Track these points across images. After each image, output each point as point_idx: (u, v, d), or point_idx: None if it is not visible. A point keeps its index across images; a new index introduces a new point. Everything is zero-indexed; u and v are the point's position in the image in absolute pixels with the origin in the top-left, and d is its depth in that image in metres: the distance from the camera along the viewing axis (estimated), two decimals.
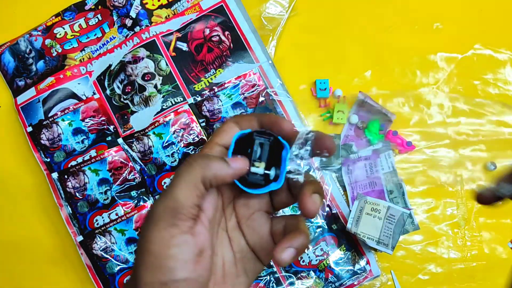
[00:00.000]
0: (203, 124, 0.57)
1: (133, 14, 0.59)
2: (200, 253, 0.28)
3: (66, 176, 0.57)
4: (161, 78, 0.58)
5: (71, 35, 0.60)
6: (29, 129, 0.58)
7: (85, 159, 0.57)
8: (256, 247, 0.32)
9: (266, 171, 0.31)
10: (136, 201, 0.56)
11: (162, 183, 0.56)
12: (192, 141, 0.56)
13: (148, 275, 0.26)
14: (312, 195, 0.28)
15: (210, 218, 0.30)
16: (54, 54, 0.60)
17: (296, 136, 0.30)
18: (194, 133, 0.57)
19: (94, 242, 0.55)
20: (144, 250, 0.27)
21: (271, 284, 0.54)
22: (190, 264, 0.26)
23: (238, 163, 0.30)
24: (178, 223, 0.27)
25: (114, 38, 0.60)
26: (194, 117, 0.57)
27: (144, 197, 0.56)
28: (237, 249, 0.32)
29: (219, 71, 0.58)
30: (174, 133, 0.56)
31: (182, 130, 0.57)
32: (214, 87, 0.57)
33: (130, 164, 0.57)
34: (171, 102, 0.57)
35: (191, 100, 0.57)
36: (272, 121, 0.31)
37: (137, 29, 0.59)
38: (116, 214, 0.56)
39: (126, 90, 0.58)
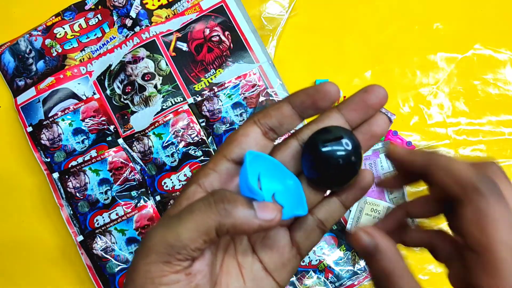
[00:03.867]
0: (203, 124, 0.57)
1: (133, 14, 0.59)
2: None
3: (66, 176, 0.57)
4: (161, 78, 0.58)
5: (71, 35, 0.60)
6: (29, 129, 0.58)
7: (86, 159, 0.57)
8: (277, 268, 0.27)
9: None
10: (136, 201, 0.56)
11: (162, 183, 0.56)
12: (192, 141, 0.56)
13: None
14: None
15: (214, 251, 0.26)
16: (54, 54, 0.60)
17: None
18: (194, 133, 0.57)
19: (95, 242, 0.55)
20: (129, 278, 0.23)
21: None
22: None
23: (268, 212, 0.23)
24: (173, 262, 0.23)
25: (114, 38, 0.60)
26: (194, 117, 0.57)
27: (144, 197, 0.56)
28: (249, 277, 0.27)
29: (219, 71, 0.58)
30: (173, 133, 0.56)
31: (182, 130, 0.57)
32: (214, 87, 0.57)
33: (131, 164, 0.57)
34: (171, 102, 0.57)
35: (191, 100, 0.57)
36: (312, 94, 0.25)
37: (137, 29, 0.59)
38: (117, 214, 0.56)
39: (126, 90, 0.58)
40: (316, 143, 0.25)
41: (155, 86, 0.57)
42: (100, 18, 0.60)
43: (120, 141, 0.57)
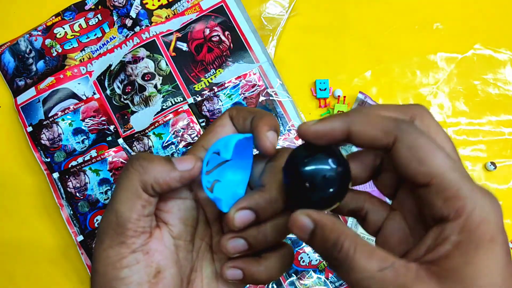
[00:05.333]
0: (203, 124, 0.57)
1: (133, 14, 0.59)
2: (158, 273, 0.25)
3: (67, 176, 0.57)
4: (161, 78, 0.58)
5: (71, 35, 0.60)
6: (29, 129, 0.58)
7: (86, 159, 0.57)
8: None
9: None
10: None
11: None
12: (192, 141, 0.56)
13: None
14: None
15: (177, 233, 0.26)
16: (54, 54, 0.60)
17: (275, 154, 0.26)
18: (194, 133, 0.57)
19: (95, 242, 0.55)
20: (93, 269, 0.24)
21: (271, 285, 0.54)
22: (145, 287, 0.24)
23: (186, 163, 0.25)
24: (126, 240, 0.23)
25: (114, 38, 0.60)
26: (194, 117, 0.57)
27: None
28: (220, 263, 0.29)
29: (219, 71, 0.58)
30: (173, 133, 0.56)
31: (182, 130, 0.57)
32: (214, 87, 0.57)
33: None
34: (171, 102, 0.57)
35: (191, 100, 0.57)
36: (254, 129, 0.26)
37: (137, 29, 0.59)
38: None
39: (126, 90, 0.58)
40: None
41: (155, 86, 0.57)
42: (100, 18, 0.60)
43: (120, 141, 0.57)
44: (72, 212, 0.56)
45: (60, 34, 0.61)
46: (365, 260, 0.21)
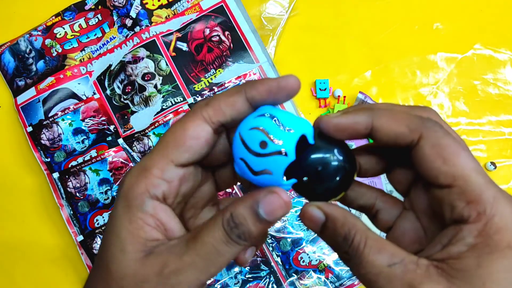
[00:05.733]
0: None
1: (133, 14, 0.59)
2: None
3: (67, 176, 0.57)
4: (161, 78, 0.58)
5: (71, 35, 0.60)
6: (29, 129, 0.58)
7: (86, 159, 0.57)
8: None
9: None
10: None
11: None
12: None
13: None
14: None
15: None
16: (54, 54, 0.60)
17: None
18: None
19: (95, 242, 0.55)
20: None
21: (271, 285, 0.54)
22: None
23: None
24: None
25: (114, 38, 0.60)
26: None
27: None
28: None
29: (219, 71, 0.58)
30: None
31: None
32: (214, 87, 0.57)
33: (131, 164, 0.57)
34: (171, 102, 0.57)
35: (191, 100, 0.57)
36: (273, 88, 0.23)
37: (137, 29, 0.59)
38: None
39: (126, 90, 0.58)
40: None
41: (155, 86, 0.57)
42: (100, 18, 0.60)
43: (120, 141, 0.57)
44: (72, 212, 0.56)
45: (60, 34, 0.61)
46: (375, 254, 0.21)
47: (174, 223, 0.23)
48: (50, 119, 0.58)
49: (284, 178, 0.22)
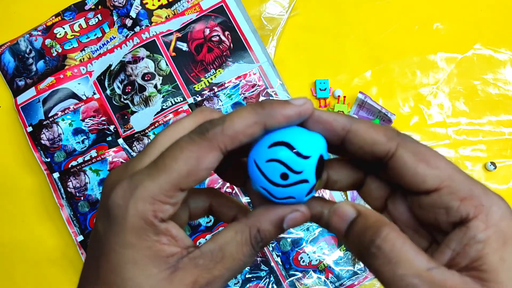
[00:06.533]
0: None
1: (133, 14, 0.59)
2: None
3: (67, 176, 0.57)
4: (161, 78, 0.58)
5: (71, 35, 0.60)
6: (29, 129, 0.58)
7: (86, 159, 0.57)
8: None
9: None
10: None
11: None
12: None
13: None
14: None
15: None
16: (54, 54, 0.60)
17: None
18: None
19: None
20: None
21: (271, 285, 0.54)
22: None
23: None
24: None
25: (114, 38, 0.60)
26: None
27: None
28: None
29: (219, 71, 0.58)
30: None
31: None
32: (214, 87, 0.57)
33: None
34: (171, 102, 0.57)
35: (191, 100, 0.57)
36: (292, 117, 0.22)
37: (137, 29, 0.59)
38: None
39: (126, 90, 0.58)
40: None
41: (155, 86, 0.57)
42: (100, 18, 0.60)
43: (120, 141, 0.57)
44: (72, 212, 0.56)
45: (60, 34, 0.61)
46: (414, 255, 0.20)
47: (180, 232, 0.24)
48: (50, 119, 0.58)
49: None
